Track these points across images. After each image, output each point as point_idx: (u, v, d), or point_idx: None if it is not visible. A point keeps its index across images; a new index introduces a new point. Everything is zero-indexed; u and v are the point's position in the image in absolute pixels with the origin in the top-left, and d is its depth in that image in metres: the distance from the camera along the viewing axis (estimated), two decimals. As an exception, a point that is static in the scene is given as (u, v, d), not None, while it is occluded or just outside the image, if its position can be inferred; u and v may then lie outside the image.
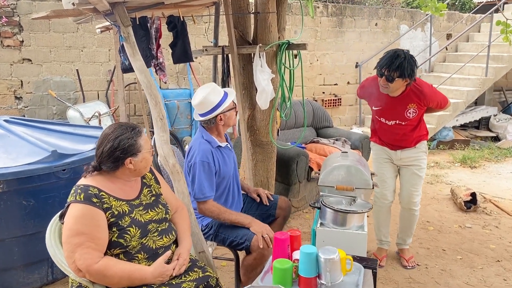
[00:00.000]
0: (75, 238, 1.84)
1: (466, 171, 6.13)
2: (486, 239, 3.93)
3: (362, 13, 7.84)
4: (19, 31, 5.48)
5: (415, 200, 3.36)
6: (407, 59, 2.93)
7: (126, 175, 2.04)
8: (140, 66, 2.51)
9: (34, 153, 2.74)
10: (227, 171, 2.73)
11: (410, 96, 3.10)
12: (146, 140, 2.06)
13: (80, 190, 1.91)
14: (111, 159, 1.97)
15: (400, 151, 3.31)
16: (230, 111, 2.71)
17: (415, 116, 3.16)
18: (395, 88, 3.04)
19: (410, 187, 3.34)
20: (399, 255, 3.55)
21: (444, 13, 3.95)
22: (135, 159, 2.00)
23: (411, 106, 3.13)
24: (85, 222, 1.85)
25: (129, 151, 1.97)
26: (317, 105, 5.70)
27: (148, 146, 2.06)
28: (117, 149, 1.95)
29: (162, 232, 2.08)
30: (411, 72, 2.94)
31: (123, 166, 1.99)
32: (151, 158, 2.10)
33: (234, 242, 2.57)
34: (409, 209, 3.40)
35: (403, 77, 2.94)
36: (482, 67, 7.61)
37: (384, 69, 2.97)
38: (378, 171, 3.42)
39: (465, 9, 10.21)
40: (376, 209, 3.48)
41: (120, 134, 1.98)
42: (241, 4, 3.61)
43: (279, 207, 2.94)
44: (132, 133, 2.00)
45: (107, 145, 1.96)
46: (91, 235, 1.84)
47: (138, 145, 2.00)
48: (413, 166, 3.31)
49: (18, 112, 5.64)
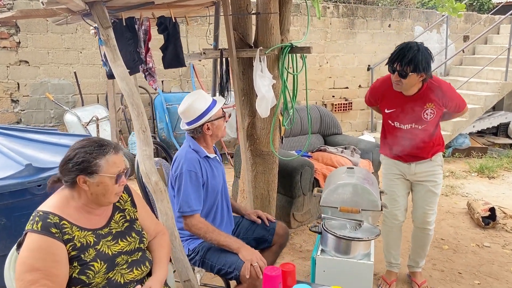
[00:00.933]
0: (28, 275, 1.58)
1: (483, 181, 5.77)
2: (507, 260, 3.60)
3: (375, 14, 7.52)
4: (16, 32, 5.30)
5: (429, 219, 3.03)
6: (421, 51, 2.60)
7: (84, 199, 1.74)
8: (121, 72, 2.26)
9: (7, 167, 2.50)
10: (216, 185, 2.47)
11: (427, 94, 2.76)
12: (113, 163, 1.73)
13: (38, 218, 1.65)
14: (65, 171, 1.70)
15: (415, 164, 2.96)
16: (219, 119, 2.45)
17: (433, 118, 2.81)
18: (410, 84, 2.70)
19: (425, 206, 3.01)
20: (410, 278, 3.24)
21: (462, 14, 3.63)
22: (90, 179, 1.69)
23: (429, 106, 2.77)
24: (41, 256, 1.59)
25: (82, 167, 1.68)
26: (325, 110, 5.40)
27: (111, 171, 1.73)
28: (71, 160, 1.69)
29: (133, 263, 1.80)
30: (426, 65, 2.61)
31: (77, 185, 1.71)
32: (113, 187, 1.75)
33: (222, 271, 2.29)
34: (423, 229, 3.08)
35: (417, 72, 2.61)
36: (501, 71, 7.23)
37: (396, 63, 2.65)
38: (388, 188, 3.07)
39: (484, 9, 9.81)
40: (386, 229, 3.16)
41: (82, 146, 1.71)
42: (241, 4, 3.34)
43: (277, 234, 2.65)
44: (95, 149, 1.71)
45: (66, 154, 1.72)
46: (47, 272, 1.58)
47: (95, 164, 1.69)
48: (429, 182, 2.97)
49: (14, 115, 5.46)
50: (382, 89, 2.94)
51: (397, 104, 2.85)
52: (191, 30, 6.02)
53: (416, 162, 2.96)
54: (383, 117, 3.01)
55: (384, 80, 2.96)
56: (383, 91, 2.93)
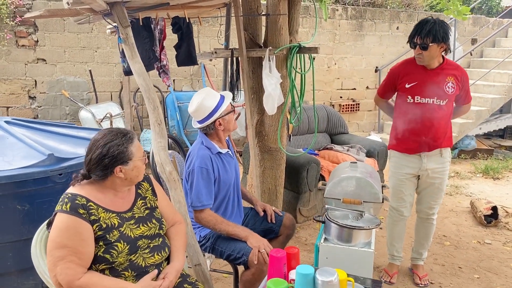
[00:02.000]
0: (57, 251, 1.73)
1: (488, 182, 5.85)
2: (507, 257, 3.70)
3: (383, 16, 7.63)
4: (34, 31, 5.48)
5: (434, 211, 3.19)
6: (437, 23, 2.78)
7: (117, 185, 1.92)
8: (138, 68, 2.42)
9: (31, 156, 2.67)
10: (228, 179, 2.60)
11: (447, 69, 2.93)
12: (138, 147, 1.94)
13: (67, 199, 1.81)
14: (100, 167, 1.85)
15: (426, 157, 3.01)
16: (229, 114, 2.59)
17: (453, 93, 2.91)
18: (431, 56, 2.84)
19: (431, 201, 3.15)
20: (412, 271, 3.36)
21: (467, 17, 3.74)
22: (126, 167, 1.87)
23: (450, 79, 2.91)
24: (69, 235, 1.75)
25: (119, 158, 1.85)
26: (332, 110, 5.52)
27: (140, 154, 1.94)
28: (106, 156, 1.83)
29: (154, 249, 1.95)
30: (445, 34, 2.77)
31: (113, 175, 1.87)
32: (143, 166, 1.97)
33: (231, 256, 2.44)
34: (426, 219, 3.22)
35: (437, 42, 2.77)
36: (508, 74, 7.30)
37: (416, 37, 2.82)
38: (395, 186, 3.16)
39: (492, 13, 9.86)
40: (391, 223, 3.29)
41: (110, 140, 1.86)
42: (251, 6, 3.49)
43: (284, 225, 2.79)
44: (122, 139, 1.88)
45: (96, 152, 1.85)
46: (74, 249, 1.73)
47: (128, 152, 1.88)
48: (437, 180, 3.07)
49: (31, 111, 5.65)
50: (402, 67, 3.05)
51: (419, 78, 2.93)
52: (202, 31, 6.18)
53: (428, 154, 3.00)
54: (400, 98, 3.05)
55: (402, 62, 3.10)
56: (404, 69, 3.02)
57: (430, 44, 2.77)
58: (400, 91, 3.04)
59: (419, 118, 2.95)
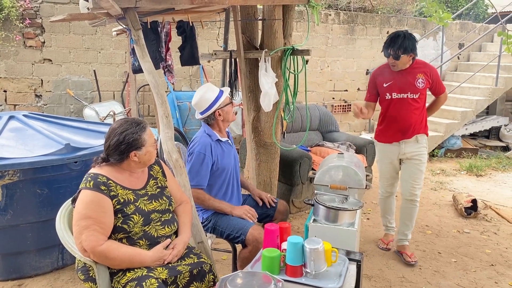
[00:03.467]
0: (83, 221, 2.02)
1: (471, 179, 6.18)
2: (483, 244, 4.01)
3: (374, 21, 7.96)
4: (41, 32, 5.76)
5: (416, 192, 3.61)
6: (407, 37, 3.32)
7: (132, 167, 2.22)
8: (148, 67, 2.70)
9: (49, 146, 2.95)
10: (227, 164, 2.90)
11: (417, 68, 3.45)
12: (150, 134, 2.23)
13: (90, 178, 2.10)
14: (117, 152, 2.15)
15: (404, 143, 3.52)
16: (227, 106, 2.90)
17: (424, 87, 3.43)
18: (403, 64, 3.39)
19: (411, 181, 3.59)
20: (400, 252, 3.71)
21: (449, 24, 4.07)
22: (139, 152, 2.17)
23: (420, 76, 3.43)
24: (93, 207, 2.04)
25: (133, 145, 2.15)
26: (324, 109, 5.84)
27: (152, 141, 2.23)
28: (123, 143, 2.13)
29: (165, 222, 2.25)
30: (413, 47, 3.34)
31: (128, 159, 2.17)
32: (154, 151, 2.27)
33: (230, 236, 2.73)
34: (410, 201, 3.64)
35: (407, 53, 3.32)
36: (492, 77, 7.64)
37: (389, 49, 3.36)
38: (382, 169, 3.76)
39: (479, 19, 10.23)
40: (382, 199, 3.86)
41: (126, 129, 2.16)
42: (249, 11, 3.79)
43: (278, 211, 3.10)
44: (136, 128, 2.18)
45: (114, 139, 2.14)
46: (97, 219, 2.02)
47: (142, 139, 2.17)
48: (415, 161, 3.54)
49: (37, 109, 5.91)
50: (380, 70, 3.62)
51: (393, 77, 3.48)
52: (201, 34, 6.47)
53: (405, 141, 3.52)
54: (381, 97, 3.58)
55: (379, 67, 3.69)
56: (381, 72, 3.59)
57: (402, 55, 3.33)
58: (380, 90, 3.58)
59: (397, 111, 3.49)
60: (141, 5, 2.58)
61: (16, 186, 2.85)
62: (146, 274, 2.03)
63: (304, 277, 2.04)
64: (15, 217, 2.92)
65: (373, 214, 4.69)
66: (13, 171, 2.81)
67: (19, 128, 3.16)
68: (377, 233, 4.14)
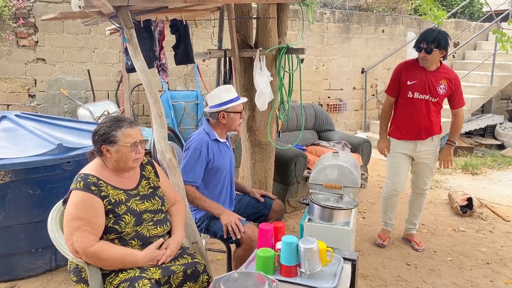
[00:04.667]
0: (73, 222, 1.99)
1: (467, 177, 6.19)
2: (479, 242, 4.01)
3: (369, 20, 7.95)
4: (34, 32, 5.71)
5: (427, 186, 3.74)
6: (441, 32, 3.34)
7: (111, 165, 2.17)
8: (141, 66, 2.67)
9: (41, 146, 2.92)
10: (222, 165, 2.88)
11: (442, 73, 3.46)
12: (127, 135, 2.13)
13: (80, 178, 2.08)
14: (93, 142, 2.16)
15: (420, 143, 3.55)
16: (235, 114, 2.85)
17: (444, 93, 3.45)
18: (433, 60, 3.39)
19: (424, 178, 3.70)
20: (408, 240, 3.89)
21: (444, 22, 4.07)
22: (111, 148, 2.12)
23: (443, 82, 3.44)
24: (84, 208, 2.01)
25: (104, 138, 2.12)
26: (319, 108, 5.82)
27: (127, 141, 2.12)
28: (97, 133, 2.14)
29: (157, 222, 2.23)
30: (446, 43, 3.34)
31: (103, 154, 2.15)
32: (129, 154, 2.14)
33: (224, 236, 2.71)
34: (421, 194, 3.76)
35: (440, 48, 3.32)
36: (487, 75, 7.66)
37: (422, 43, 3.33)
38: (393, 165, 3.71)
39: (474, 17, 10.25)
40: (385, 196, 3.83)
41: (105, 122, 2.17)
42: (243, 10, 3.76)
43: (273, 210, 3.08)
44: (113, 123, 2.15)
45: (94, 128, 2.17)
46: (88, 220, 2.00)
47: (112, 135, 2.11)
48: (428, 159, 3.61)
49: (31, 109, 5.86)
50: (406, 66, 3.59)
51: (419, 77, 3.46)
52: (196, 33, 6.44)
53: (422, 142, 3.55)
54: (402, 93, 3.55)
55: (406, 61, 3.68)
56: (407, 67, 3.55)
57: (434, 49, 3.31)
58: (403, 86, 3.55)
59: (417, 111, 3.50)
60: (134, 3, 2.55)
61: (8, 187, 2.82)
62: (138, 274, 2.00)
63: (298, 277, 2.02)
64: (7, 218, 2.89)
65: (368, 213, 4.68)
66: (5, 171, 2.78)
67: (11, 128, 3.13)
68: (372, 232, 4.13)
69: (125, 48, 2.99)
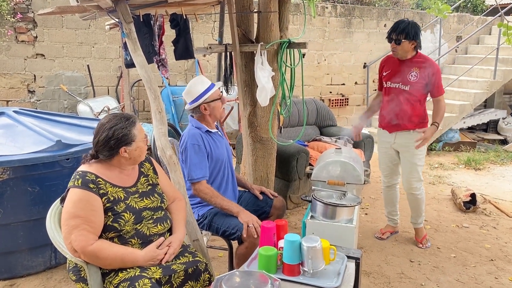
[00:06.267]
0: (72, 221, 1.95)
1: (470, 173, 6.14)
2: (482, 238, 3.97)
3: (371, 14, 7.88)
4: (33, 27, 5.66)
5: (414, 185, 3.61)
6: (411, 23, 3.35)
7: (122, 163, 2.15)
8: (141, 61, 2.63)
9: (40, 142, 2.88)
10: (220, 155, 2.85)
11: (417, 61, 3.43)
12: (140, 129, 2.16)
13: (78, 176, 2.03)
14: (107, 148, 2.07)
15: (395, 134, 3.54)
16: (215, 101, 2.82)
17: (416, 81, 3.39)
18: (404, 50, 3.37)
19: (407, 174, 3.62)
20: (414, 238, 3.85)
21: (447, 15, 4.02)
22: (129, 148, 2.10)
23: (415, 70, 3.41)
24: (82, 206, 1.97)
25: (123, 140, 2.07)
26: (321, 104, 5.77)
27: (142, 136, 2.16)
28: (112, 138, 2.06)
29: (157, 220, 2.19)
30: (415, 34, 3.33)
31: (118, 155, 2.10)
32: (145, 147, 2.19)
33: (226, 232, 2.67)
34: (410, 194, 3.67)
35: (409, 39, 3.31)
36: (490, 70, 7.59)
37: (392, 33, 3.37)
38: (379, 158, 3.77)
39: (477, 11, 10.16)
40: (384, 188, 3.87)
41: (115, 124, 2.08)
42: (244, 4, 3.71)
43: (274, 207, 3.03)
44: (126, 123, 2.10)
45: (103, 134, 2.07)
46: (87, 218, 1.96)
47: (131, 134, 2.10)
48: (408, 153, 3.54)
49: (31, 105, 5.83)
50: (386, 58, 3.67)
51: (392, 66, 3.53)
52: (196, 27, 6.39)
53: (397, 132, 3.53)
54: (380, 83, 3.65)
55: (385, 57, 3.73)
56: (387, 59, 3.64)
57: (403, 40, 3.32)
58: (381, 78, 3.66)
59: (391, 99, 3.52)
60: (133, -3, 2.51)
61: (6, 184, 2.78)
62: (139, 274, 1.97)
63: (301, 276, 1.98)
64: (6, 216, 2.85)
65: (371, 209, 4.64)
66: (3, 168, 2.74)
67: (9, 124, 3.09)
68: (375, 228, 4.10)
69: (124, 43, 2.94)
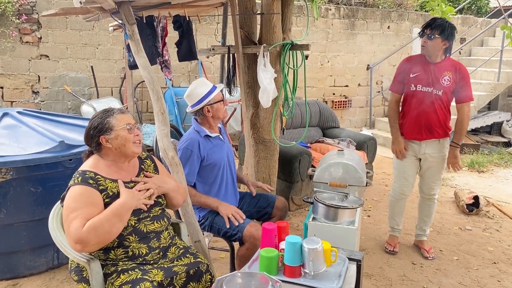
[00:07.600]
0: (72, 214, 1.95)
1: (473, 175, 6.12)
2: (485, 241, 3.95)
3: (375, 16, 7.88)
4: (38, 28, 5.69)
5: (435, 191, 3.56)
6: (448, 23, 3.22)
7: (113, 156, 2.16)
8: (143, 62, 2.64)
9: (43, 143, 2.90)
10: (218, 159, 2.85)
11: (447, 64, 3.30)
12: (121, 119, 2.15)
13: (78, 175, 2.06)
14: (89, 139, 2.15)
15: (425, 144, 3.38)
16: (218, 103, 2.84)
17: (449, 86, 3.26)
18: (434, 48, 3.22)
19: (430, 182, 3.53)
20: (418, 247, 3.72)
21: (451, 17, 4.01)
22: (109, 136, 2.11)
23: (447, 74, 3.28)
24: (81, 199, 1.98)
25: (99, 129, 2.11)
26: (324, 105, 5.77)
27: (121, 124, 2.14)
28: (90, 128, 2.13)
29: (154, 217, 2.20)
30: (450, 34, 3.19)
31: (103, 145, 2.13)
32: (128, 136, 2.15)
33: (227, 233, 2.68)
34: (429, 198, 3.59)
35: (443, 36, 3.17)
36: (494, 72, 7.58)
37: (427, 28, 3.23)
38: (399, 167, 3.55)
39: (481, 13, 10.14)
40: (392, 200, 3.69)
41: (94, 116, 2.18)
42: (247, 5, 3.72)
43: (276, 207, 3.04)
44: (103, 113, 2.17)
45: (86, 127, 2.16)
46: (86, 211, 1.95)
47: (108, 123, 2.12)
48: (434, 163, 3.43)
49: (35, 106, 5.85)
50: (410, 59, 3.47)
51: (421, 68, 3.33)
52: (200, 29, 6.40)
53: (427, 141, 3.37)
54: (406, 87, 3.40)
55: (410, 56, 3.55)
56: (411, 60, 3.45)
57: (436, 36, 3.17)
58: (406, 80, 3.41)
59: (420, 105, 3.32)
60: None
61: (10, 185, 2.80)
62: (140, 277, 1.97)
63: (302, 277, 1.98)
64: (8, 216, 2.87)
65: (374, 211, 4.64)
66: (6, 169, 2.75)
67: (13, 125, 3.10)
68: (378, 231, 4.09)
69: (127, 44, 2.95)
